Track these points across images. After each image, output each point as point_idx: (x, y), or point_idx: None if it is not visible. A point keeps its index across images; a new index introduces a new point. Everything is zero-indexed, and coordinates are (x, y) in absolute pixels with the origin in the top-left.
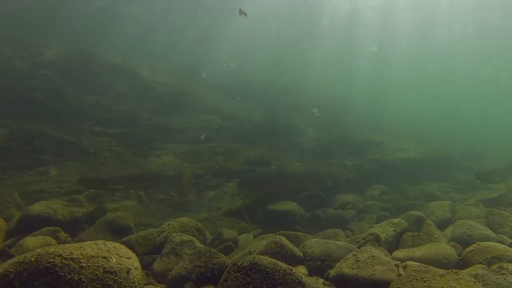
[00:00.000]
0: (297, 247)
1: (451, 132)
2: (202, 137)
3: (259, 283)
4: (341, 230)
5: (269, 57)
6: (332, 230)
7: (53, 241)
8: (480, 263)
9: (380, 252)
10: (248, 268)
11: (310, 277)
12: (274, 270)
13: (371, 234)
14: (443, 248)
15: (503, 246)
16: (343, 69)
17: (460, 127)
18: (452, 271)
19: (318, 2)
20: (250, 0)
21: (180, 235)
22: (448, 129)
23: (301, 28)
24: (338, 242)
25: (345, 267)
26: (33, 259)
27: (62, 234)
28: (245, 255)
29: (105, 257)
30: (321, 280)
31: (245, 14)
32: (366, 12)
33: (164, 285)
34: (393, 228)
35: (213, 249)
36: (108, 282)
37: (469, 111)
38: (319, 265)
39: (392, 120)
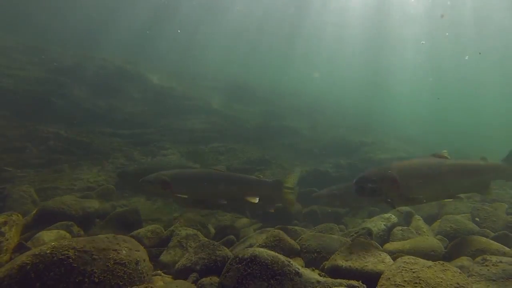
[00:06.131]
0: (295, 240)
1: (439, 133)
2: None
3: (259, 274)
4: (336, 225)
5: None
6: (327, 225)
7: (67, 234)
8: (465, 255)
9: (372, 245)
10: (249, 260)
11: (306, 268)
12: (273, 262)
13: (363, 228)
14: (430, 241)
15: (486, 239)
16: (339, 72)
17: (449, 126)
18: (439, 263)
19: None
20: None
21: (186, 229)
22: (437, 130)
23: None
24: (332, 235)
25: (339, 259)
26: (48, 251)
27: (75, 228)
28: (246, 248)
29: (115, 250)
30: (316, 271)
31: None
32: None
33: (170, 276)
34: (384, 223)
35: (216, 242)
36: (118, 273)
37: (460, 111)
38: (315, 257)
39: (383, 120)
